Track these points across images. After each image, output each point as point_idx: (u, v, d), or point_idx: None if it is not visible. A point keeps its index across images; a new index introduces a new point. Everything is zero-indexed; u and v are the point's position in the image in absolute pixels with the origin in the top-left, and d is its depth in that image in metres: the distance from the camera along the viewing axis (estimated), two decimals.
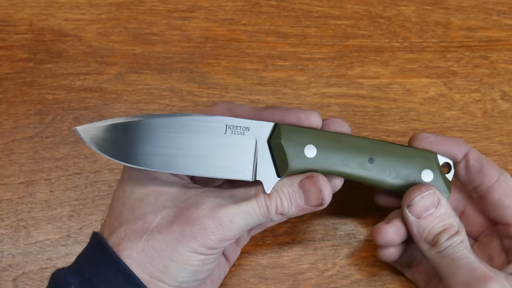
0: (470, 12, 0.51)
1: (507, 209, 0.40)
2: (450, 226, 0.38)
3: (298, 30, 0.50)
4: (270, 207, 0.36)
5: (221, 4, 0.51)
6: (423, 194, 0.38)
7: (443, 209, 0.38)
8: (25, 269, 0.43)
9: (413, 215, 0.38)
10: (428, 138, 0.40)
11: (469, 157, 0.40)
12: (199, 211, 0.35)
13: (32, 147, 0.46)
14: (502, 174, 0.40)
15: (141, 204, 0.36)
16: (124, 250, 0.34)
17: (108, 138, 0.35)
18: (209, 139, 0.36)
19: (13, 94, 0.47)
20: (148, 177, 0.37)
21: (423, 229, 0.38)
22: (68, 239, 0.44)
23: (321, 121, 0.38)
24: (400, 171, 0.39)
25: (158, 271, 0.34)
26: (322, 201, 0.37)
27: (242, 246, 0.43)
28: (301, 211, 0.37)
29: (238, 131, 0.36)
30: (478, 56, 0.50)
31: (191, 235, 0.34)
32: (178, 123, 0.35)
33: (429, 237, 0.38)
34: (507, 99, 0.49)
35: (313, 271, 0.44)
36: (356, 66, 0.49)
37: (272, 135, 0.37)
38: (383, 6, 0.51)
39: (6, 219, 0.44)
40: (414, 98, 0.49)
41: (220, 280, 0.42)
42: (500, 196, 0.40)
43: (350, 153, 0.38)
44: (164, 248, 0.34)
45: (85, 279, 0.34)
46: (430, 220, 0.38)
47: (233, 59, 0.49)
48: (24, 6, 0.50)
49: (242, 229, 0.36)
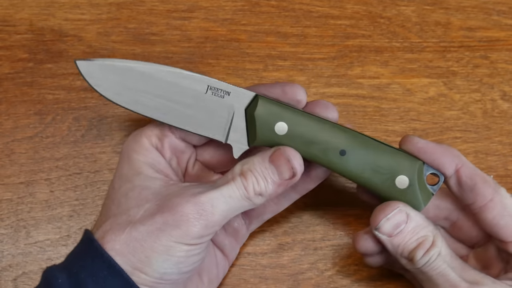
0: (470, 12, 0.51)
1: (501, 229, 0.38)
2: (425, 239, 0.37)
3: (298, 30, 0.50)
4: (248, 187, 0.36)
5: (221, 4, 0.51)
6: (388, 216, 0.37)
7: (413, 222, 0.37)
8: (25, 269, 0.43)
9: (384, 235, 0.37)
10: (417, 143, 0.38)
11: (461, 173, 0.38)
12: (180, 198, 0.35)
13: (32, 147, 0.46)
14: (497, 192, 0.38)
15: (126, 199, 0.36)
16: (108, 242, 0.34)
17: (103, 77, 0.38)
18: (190, 93, 0.38)
19: (13, 94, 0.47)
20: (134, 172, 0.37)
21: (397, 245, 0.37)
22: (68, 239, 0.44)
23: (305, 96, 0.39)
24: (376, 170, 0.38)
25: (140, 262, 0.34)
26: (294, 171, 0.36)
27: (241, 243, 0.43)
28: (278, 187, 0.36)
29: (219, 94, 0.38)
30: (478, 56, 0.50)
31: (173, 224, 0.34)
32: (166, 74, 0.37)
33: (404, 253, 0.37)
34: (507, 99, 0.49)
35: (313, 271, 0.44)
36: (356, 66, 0.49)
37: (250, 105, 0.38)
38: (383, 6, 0.51)
39: (6, 219, 0.44)
40: (414, 98, 0.49)
41: (219, 279, 0.42)
42: (494, 216, 0.37)
43: (321, 140, 0.37)
44: (146, 239, 0.34)
45: (73, 273, 0.34)
46: (402, 236, 0.37)
47: (233, 59, 0.49)
48: (24, 6, 0.50)
49: (225, 214, 0.35)
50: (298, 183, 0.40)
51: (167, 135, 0.39)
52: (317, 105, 0.39)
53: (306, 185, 0.41)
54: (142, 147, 0.38)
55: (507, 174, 0.47)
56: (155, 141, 0.39)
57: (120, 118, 0.47)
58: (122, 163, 0.39)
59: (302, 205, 0.45)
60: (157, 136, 0.39)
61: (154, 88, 0.38)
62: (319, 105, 0.39)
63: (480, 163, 0.47)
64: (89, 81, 0.38)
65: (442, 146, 0.38)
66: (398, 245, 0.37)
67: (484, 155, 0.47)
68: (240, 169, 0.36)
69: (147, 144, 0.39)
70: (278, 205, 0.42)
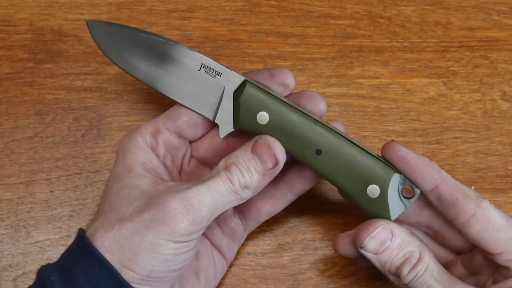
0: (470, 12, 0.51)
1: (487, 242, 0.37)
2: (411, 255, 0.37)
3: (298, 30, 0.50)
4: (233, 180, 0.36)
5: (221, 4, 0.51)
6: (372, 234, 0.37)
7: (398, 239, 0.37)
8: (25, 269, 0.43)
9: (370, 253, 0.37)
10: (398, 151, 0.37)
11: (441, 189, 0.37)
12: (166, 195, 0.35)
13: (32, 147, 0.46)
14: (479, 206, 0.37)
15: (117, 198, 0.36)
16: (97, 239, 0.35)
17: (109, 38, 0.40)
18: (184, 68, 0.39)
19: (13, 94, 0.47)
20: (125, 170, 0.38)
21: (384, 262, 0.37)
22: (68, 239, 0.44)
23: (294, 80, 0.39)
24: (349, 175, 0.37)
25: (127, 260, 0.34)
26: (276, 159, 0.37)
27: (239, 244, 0.43)
28: (263, 178, 0.37)
29: (211, 73, 0.39)
30: (478, 56, 0.50)
31: (161, 220, 0.34)
32: (166, 47, 0.39)
33: (391, 269, 0.37)
34: (507, 99, 0.49)
35: (313, 271, 0.44)
36: (356, 66, 0.49)
37: (238, 89, 0.38)
38: (383, 6, 0.51)
39: (6, 219, 0.44)
40: (414, 98, 0.49)
41: (217, 279, 0.42)
42: (479, 231, 0.37)
43: (298, 136, 0.37)
44: (134, 236, 0.34)
45: (65, 270, 0.34)
46: (388, 253, 0.37)
47: (233, 59, 0.49)
48: (24, 6, 0.50)
49: (212, 209, 0.35)
50: (294, 184, 0.40)
51: (161, 131, 0.39)
52: (301, 96, 0.40)
53: (301, 186, 0.41)
54: (135, 145, 0.39)
55: (507, 174, 0.47)
56: (149, 140, 0.39)
57: (120, 118, 0.47)
58: (117, 162, 0.39)
59: (302, 205, 0.45)
60: (151, 134, 0.39)
61: (153, 56, 0.39)
62: (304, 96, 0.39)
63: (480, 163, 0.47)
64: (96, 40, 0.40)
65: (423, 159, 0.37)
66: (385, 262, 0.37)
67: (484, 155, 0.47)
68: (225, 163, 0.36)
69: (141, 143, 0.39)
70: (274, 206, 0.41)
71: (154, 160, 0.39)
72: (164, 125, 0.39)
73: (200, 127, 0.40)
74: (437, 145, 0.47)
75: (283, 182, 0.41)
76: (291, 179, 0.41)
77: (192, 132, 0.40)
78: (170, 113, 0.40)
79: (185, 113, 0.40)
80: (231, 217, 0.41)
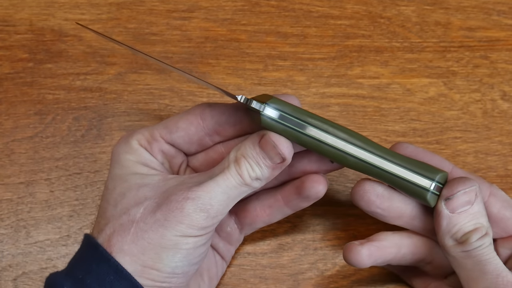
0: (470, 12, 0.51)
1: (508, 220, 0.38)
2: (481, 226, 0.36)
3: (298, 30, 0.50)
4: (243, 174, 0.36)
5: (221, 4, 0.51)
6: (466, 189, 0.36)
7: (477, 207, 0.36)
8: (25, 269, 0.43)
9: (447, 209, 0.36)
10: (406, 148, 0.39)
11: (455, 175, 0.38)
12: (178, 196, 0.35)
13: (32, 147, 0.46)
14: (492, 186, 0.38)
15: (123, 199, 0.36)
16: (114, 245, 0.34)
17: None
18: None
19: (13, 94, 0.47)
20: (128, 171, 0.37)
21: (454, 224, 0.36)
22: (68, 239, 0.44)
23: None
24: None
25: (150, 260, 0.34)
26: (282, 156, 0.36)
27: (236, 246, 0.42)
28: (274, 170, 0.36)
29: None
30: (478, 56, 0.50)
31: (176, 220, 0.34)
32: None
33: (458, 234, 0.36)
34: (507, 99, 0.49)
35: (313, 271, 0.44)
36: (356, 66, 0.49)
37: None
38: (383, 6, 0.51)
39: (6, 219, 0.44)
40: (414, 98, 0.49)
41: (218, 277, 0.42)
42: (499, 209, 0.38)
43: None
44: (152, 237, 0.34)
45: (78, 279, 0.34)
46: (463, 216, 0.36)
47: (233, 59, 0.49)
48: (24, 6, 0.50)
49: (225, 204, 0.35)
50: (291, 200, 0.40)
51: (157, 139, 0.39)
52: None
53: (298, 203, 0.40)
54: (132, 148, 0.38)
55: (507, 174, 0.47)
56: (145, 144, 0.38)
57: (120, 118, 0.47)
58: (113, 164, 0.38)
59: None
60: (146, 139, 0.39)
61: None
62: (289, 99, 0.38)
63: (480, 163, 0.47)
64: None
65: (430, 152, 0.39)
66: (456, 224, 0.36)
67: (484, 155, 0.47)
68: (235, 155, 0.36)
69: (137, 146, 0.38)
70: (270, 216, 0.41)
71: (154, 161, 0.39)
72: (160, 134, 0.39)
73: (195, 145, 0.39)
74: (437, 145, 0.47)
75: (281, 195, 0.40)
76: (288, 194, 0.40)
77: (187, 147, 0.39)
78: (167, 123, 0.39)
79: (183, 129, 0.38)
80: (226, 221, 0.41)
